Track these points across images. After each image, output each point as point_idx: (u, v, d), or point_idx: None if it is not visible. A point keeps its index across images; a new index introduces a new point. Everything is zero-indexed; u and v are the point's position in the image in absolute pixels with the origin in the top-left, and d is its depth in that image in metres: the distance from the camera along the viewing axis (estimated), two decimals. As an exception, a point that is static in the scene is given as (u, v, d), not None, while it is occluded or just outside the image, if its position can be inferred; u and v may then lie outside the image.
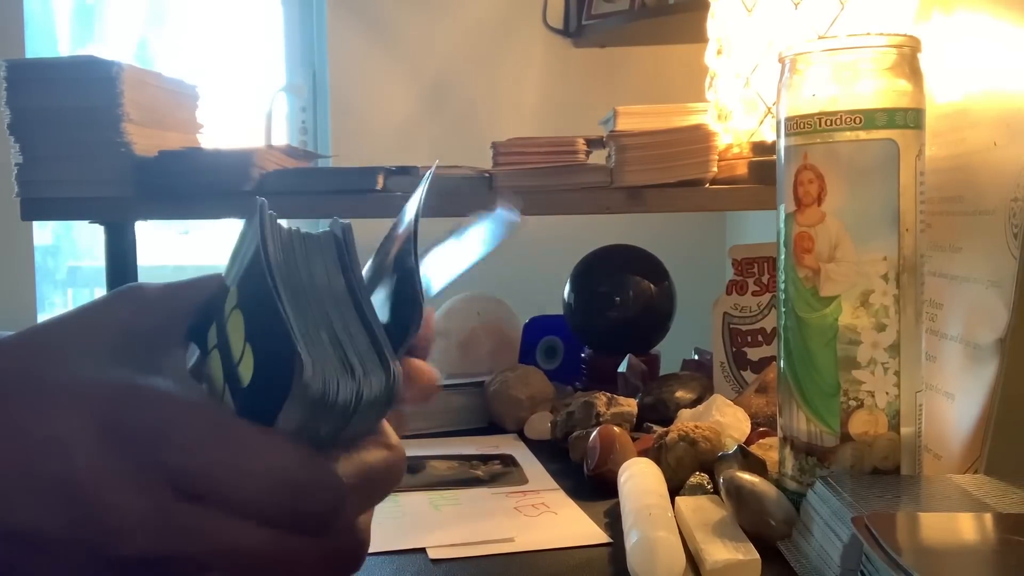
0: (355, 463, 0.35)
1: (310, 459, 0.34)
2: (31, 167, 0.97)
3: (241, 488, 0.33)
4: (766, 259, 0.97)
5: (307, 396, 0.33)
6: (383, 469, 0.36)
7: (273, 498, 0.33)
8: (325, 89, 2.13)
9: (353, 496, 0.35)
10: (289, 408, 0.33)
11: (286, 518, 0.34)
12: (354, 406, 0.34)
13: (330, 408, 0.34)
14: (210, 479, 0.33)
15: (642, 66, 2.13)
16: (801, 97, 0.59)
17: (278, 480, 0.33)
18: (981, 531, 0.48)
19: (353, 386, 0.34)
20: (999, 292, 0.60)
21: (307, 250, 0.37)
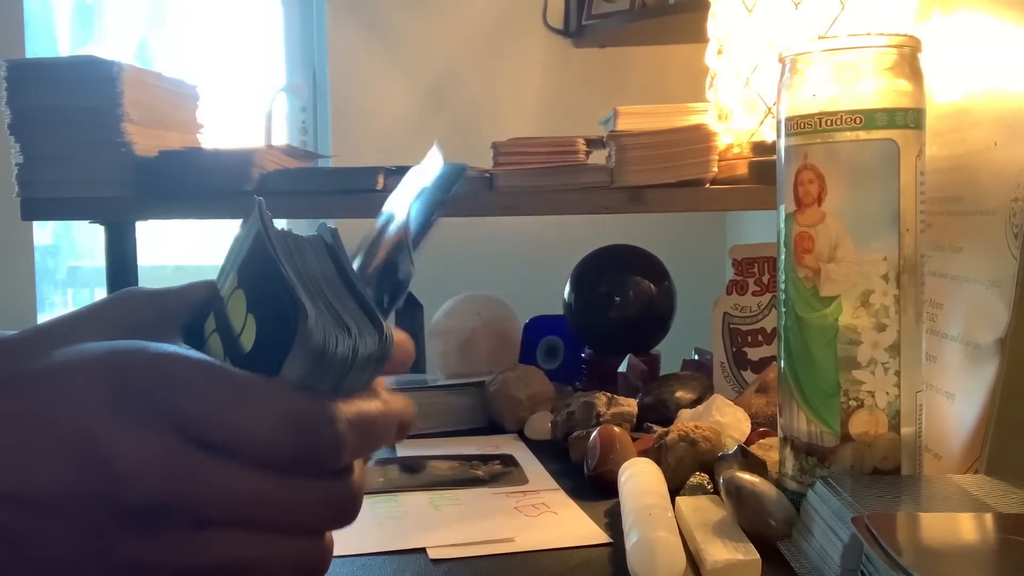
0: (353, 407, 0.37)
1: (311, 399, 0.35)
2: (31, 167, 0.97)
3: (246, 430, 0.35)
4: (766, 259, 0.97)
5: (309, 345, 0.35)
6: (379, 416, 0.38)
7: (276, 437, 0.35)
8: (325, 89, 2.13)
9: (351, 437, 0.36)
10: (292, 360, 0.36)
11: (288, 457, 0.35)
12: (351, 361, 0.36)
13: (329, 361, 0.36)
14: (217, 424, 0.35)
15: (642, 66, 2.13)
16: (801, 97, 0.59)
17: (281, 419, 0.35)
18: (981, 531, 0.48)
19: (349, 342, 0.36)
20: (999, 292, 0.60)
21: (299, 245, 0.39)
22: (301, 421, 0.35)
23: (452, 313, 1.10)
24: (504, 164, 1.01)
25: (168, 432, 0.34)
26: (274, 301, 0.36)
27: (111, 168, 0.96)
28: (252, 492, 0.35)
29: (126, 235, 1.09)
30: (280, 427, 0.35)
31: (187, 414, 0.35)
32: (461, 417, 0.96)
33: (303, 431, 0.35)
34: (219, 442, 0.35)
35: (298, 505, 0.36)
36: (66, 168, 0.96)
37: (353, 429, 0.36)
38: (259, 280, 0.38)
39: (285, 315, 0.36)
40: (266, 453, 0.35)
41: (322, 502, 0.37)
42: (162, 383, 0.35)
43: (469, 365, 1.07)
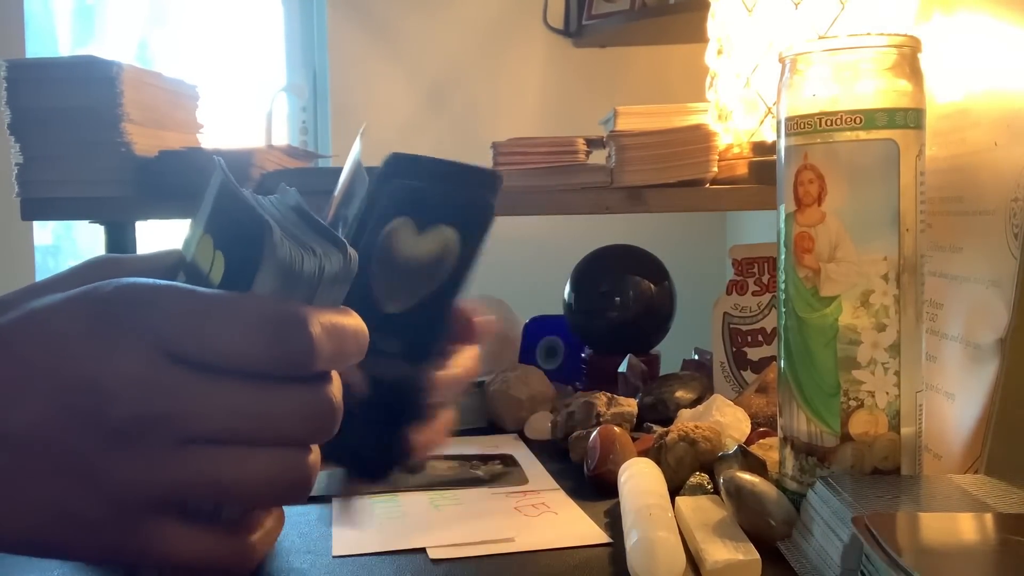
0: (324, 315, 0.37)
1: (282, 304, 0.36)
2: (31, 167, 0.97)
3: (222, 339, 0.35)
4: (766, 259, 0.97)
5: (276, 258, 0.36)
6: (350, 328, 0.38)
7: (251, 343, 0.35)
8: (325, 89, 2.13)
9: (324, 340, 0.37)
10: (261, 277, 0.37)
11: (264, 362, 0.36)
12: (318, 278, 0.38)
13: (297, 277, 0.37)
14: (194, 337, 0.35)
15: (642, 66, 2.13)
16: (801, 97, 0.59)
17: (254, 324, 0.36)
18: (981, 531, 0.48)
19: (315, 260, 0.37)
20: (999, 292, 0.60)
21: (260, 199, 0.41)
22: (274, 325, 0.36)
23: (452, 313, 1.10)
24: (504, 164, 1.01)
25: (147, 350, 0.35)
26: (239, 228, 0.38)
27: (111, 168, 0.96)
28: (232, 403, 0.36)
29: (126, 235, 1.09)
30: (254, 333, 0.35)
31: (164, 332, 0.35)
32: (461, 417, 0.95)
33: (277, 335, 0.36)
34: (197, 356, 0.35)
35: (277, 414, 0.36)
36: (66, 168, 0.96)
37: (325, 333, 0.37)
38: (225, 219, 0.39)
39: (251, 237, 0.37)
40: (243, 361, 0.36)
41: (300, 409, 0.37)
42: (137, 306, 0.36)
43: (469, 365, 1.07)
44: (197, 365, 0.35)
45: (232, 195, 0.39)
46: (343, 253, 0.38)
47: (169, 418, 0.35)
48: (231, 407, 0.36)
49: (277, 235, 0.36)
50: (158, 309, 0.36)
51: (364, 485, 0.55)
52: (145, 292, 0.37)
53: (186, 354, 0.35)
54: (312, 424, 0.37)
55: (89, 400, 0.35)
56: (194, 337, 0.35)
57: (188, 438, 0.36)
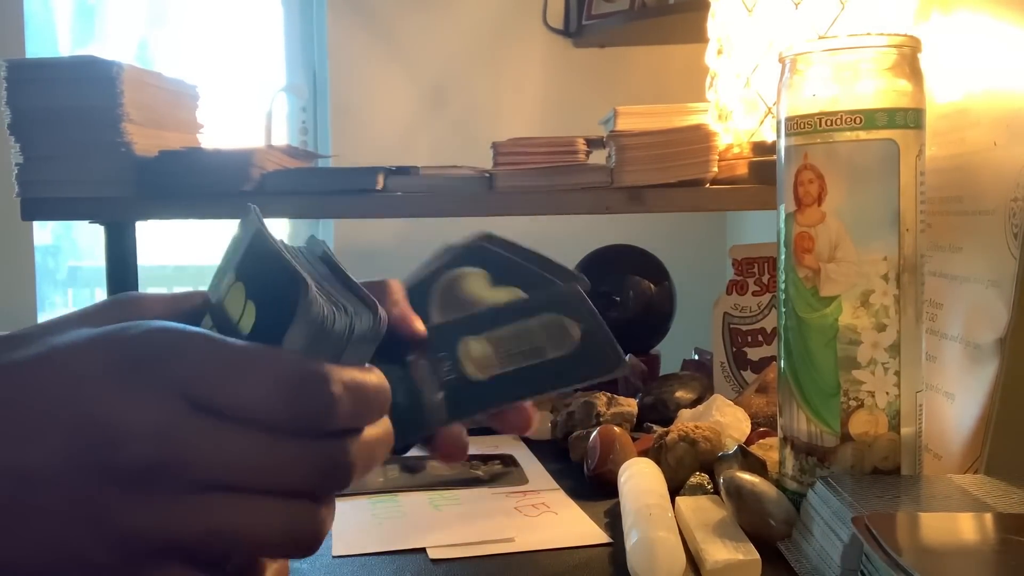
0: (346, 374, 0.38)
1: (306, 360, 0.37)
2: (31, 167, 0.97)
3: (243, 391, 0.36)
4: (766, 259, 0.97)
5: (309, 316, 0.37)
6: (372, 387, 0.39)
7: (272, 397, 0.36)
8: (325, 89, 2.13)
9: (345, 398, 0.37)
10: (292, 332, 0.37)
11: (284, 417, 0.36)
12: (347, 336, 0.38)
13: (327, 335, 0.38)
14: (214, 387, 0.35)
15: (642, 66, 2.13)
16: (801, 97, 0.59)
17: (277, 379, 0.36)
18: (981, 531, 0.48)
19: (346, 320, 0.38)
20: (999, 292, 0.60)
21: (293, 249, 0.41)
22: (296, 382, 0.36)
23: (452, 313, 1.10)
24: (504, 164, 1.01)
25: (164, 395, 0.35)
26: (274, 282, 0.38)
27: (111, 168, 0.96)
28: (248, 453, 0.36)
29: (126, 235, 1.09)
30: (276, 388, 0.36)
31: (184, 378, 0.35)
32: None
33: (298, 391, 0.36)
34: (216, 405, 0.35)
35: (292, 466, 0.37)
36: (66, 168, 0.96)
37: (347, 392, 0.37)
38: (258, 269, 0.40)
39: (285, 291, 0.38)
40: (262, 414, 0.36)
41: (316, 463, 0.37)
42: (158, 350, 0.36)
43: (469, 365, 1.07)
44: (217, 414, 0.36)
45: (267, 246, 0.39)
46: (373, 313, 0.39)
47: (184, 465, 0.35)
48: (247, 457, 0.36)
49: (312, 293, 0.37)
50: (182, 356, 0.36)
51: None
52: (171, 338, 0.37)
53: (207, 403, 0.35)
54: (326, 478, 0.38)
55: (104, 443, 0.35)
56: (216, 387, 0.36)
57: (201, 486, 0.36)
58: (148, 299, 0.43)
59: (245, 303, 0.39)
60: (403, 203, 0.99)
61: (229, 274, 0.41)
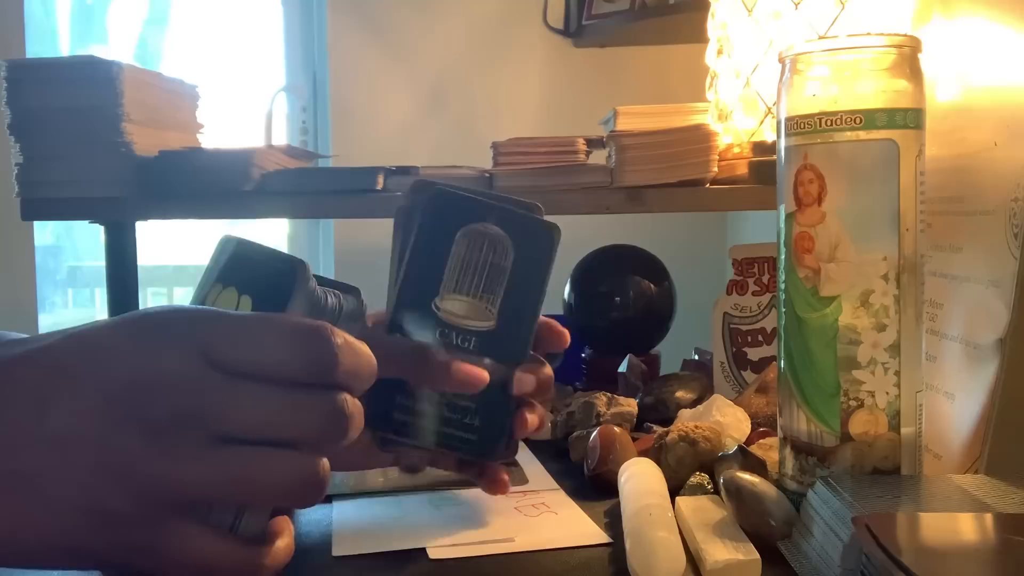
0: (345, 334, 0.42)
1: (311, 319, 0.41)
2: (31, 167, 0.97)
3: (257, 346, 0.40)
4: (766, 259, 0.97)
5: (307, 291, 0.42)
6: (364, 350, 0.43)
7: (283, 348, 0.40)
8: (325, 89, 2.13)
9: (344, 350, 0.41)
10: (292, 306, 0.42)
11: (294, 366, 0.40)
12: (338, 314, 0.44)
13: (321, 311, 0.43)
14: (232, 343, 0.39)
15: (642, 66, 2.13)
16: (801, 97, 0.59)
17: (286, 334, 0.40)
18: (981, 531, 0.48)
19: (335, 301, 0.44)
20: (999, 292, 0.60)
21: None
22: (303, 335, 0.40)
23: (452, 313, 1.10)
24: (504, 164, 1.01)
25: (184, 353, 0.39)
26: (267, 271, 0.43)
27: (111, 168, 0.96)
28: (260, 404, 0.39)
29: (126, 235, 1.09)
30: (285, 341, 0.40)
31: (201, 339, 0.39)
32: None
33: (304, 343, 0.40)
34: (233, 361, 0.39)
35: (301, 416, 0.40)
36: (66, 168, 0.96)
37: (347, 347, 0.41)
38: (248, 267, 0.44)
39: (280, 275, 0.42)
40: (273, 366, 0.40)
41: (319, 413, 0.41)
42: (183, 317, 0.40)
43: (469, 365, 1.07)
44: (232, 370, 0.39)
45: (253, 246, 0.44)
46: (356, 296, 0.45)
47: (204, 416, 0.38)
48: (260, 408, 0.39)
49: (308, 270, 0.42)
50: (199, 320, 0.40)
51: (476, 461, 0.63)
52: (188, 310, 0.41)
53: (223, 359, 0.39)
54: (329, 428, 0.41)
55: (128, 397, 0.38)
56: (231, 343, 0.39)
57: (219, 438, 0.39)
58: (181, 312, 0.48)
59: (239, 299, 0.43)
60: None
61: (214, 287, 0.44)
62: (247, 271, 0.44)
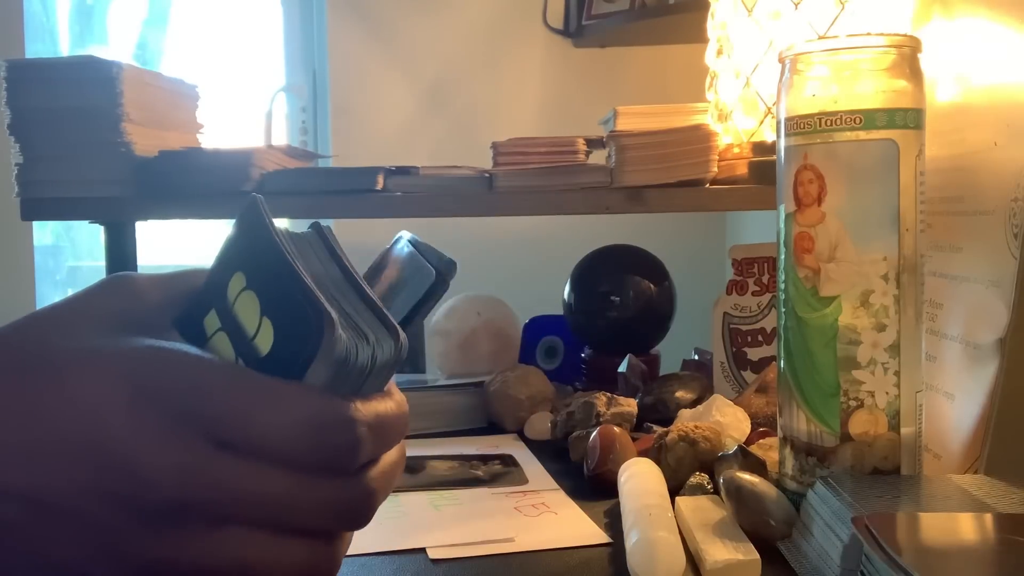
0: (370, 409, 0.37)
1: (334, 403, 0.36)
2: (31, 167, 0.97)
3: (271, 431, 0.35)
4: (766, 259, 0.97)
5: (333, 353, 0.36)
6: (393, 417, 0.39)
7: (299, 437, 0.35)
8: (325, 89, 2.13)
9: (368, 438, 0.37)
10: (316, 367, 0.36)
11: (310, 458, 0.36)
12: (370, 368, 0.38)
13: (351, 369, 0.37)
14: (242, 426, 0.35)
15: (642, 66, 2.13)
16: (801, 97, 0.59)
17: (304, 420, 0.35)
18: (981, 531, 0.48)
19: (368, 350, 0.37)
20: (999, 292, 0.60)
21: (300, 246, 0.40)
22: (324, 424, 0.36)
23: (452, 313, 1.10)
24: (504, 164, 1.01)
25: (190, 434, 0.35)
26: (294, 307, 0.37)
27: (111, 168, 0.96)
28: (270, 492, 0.36)
29: (126, 235, 1.09)
30: (301, 430, 0.35)
31: (211, 416, 0.35)
32: (461, 417, 0.95)
33: (325, 434, 0.36)
34: (242, 443, 0.35)
35: (313, 505, 0.37)
36: (66, 168, 0.96)
37: (371, 431, 0.37)
38: (273, 283, 0.38)
39: (307, 322, 0.36)
40: (288, 455, 0.35)
41: (336, 502, 0.37)
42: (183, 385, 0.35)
43: (469, 365, 1.07)
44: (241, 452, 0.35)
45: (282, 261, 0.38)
46: (395, 339, 0.39)
47: (207, 503, 0.35)
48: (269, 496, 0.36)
49: (337, 331, 0.36)
50: (205, 393, 0.35)
51: None
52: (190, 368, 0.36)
53: (230, 441, 0.35)
54: (346, 516, 0.38)
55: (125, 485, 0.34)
56: (241, 427, 0.35)
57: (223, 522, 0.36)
58: (143, 282, 0.42)
59: (260, 319, 0.38)
60: (403, 203, 0.99)
61: (237, 274, 0.39)
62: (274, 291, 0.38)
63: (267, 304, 0.38)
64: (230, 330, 0.39)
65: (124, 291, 0.41)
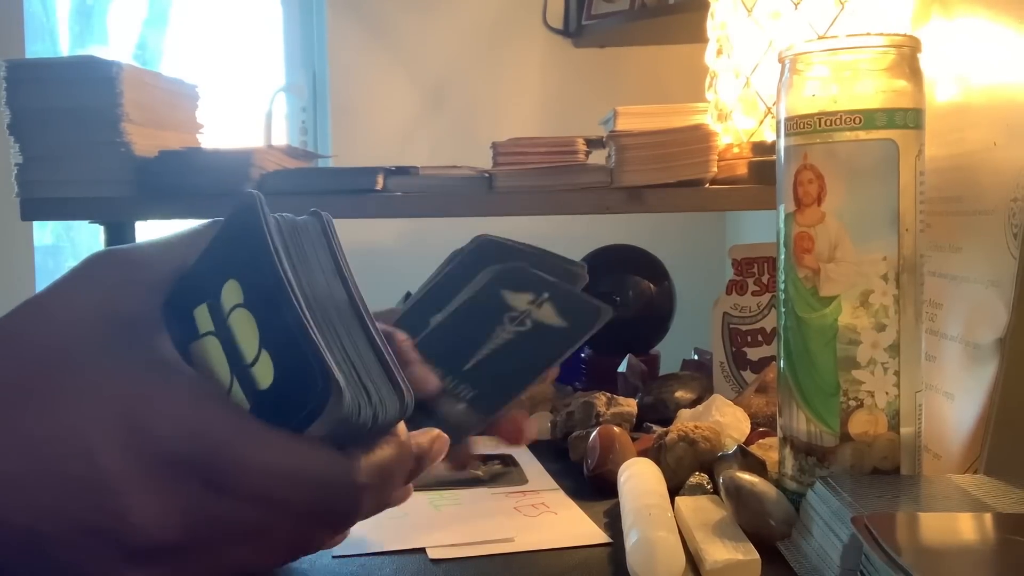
0: (372, 463, 0.37)
1: (336, 462, 0.36)
2: (31, 167, 0.97)
3: (273, 486, 0.35)
4: (766, 259, 0.97)
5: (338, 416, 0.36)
6: (395, 465, 0.39)
7: (302, 495, 0.36)
8: (325, 89, 2.13)
9: (370, 493, 0.37)
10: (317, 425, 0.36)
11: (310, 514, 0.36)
12: (371, 426, 0.37)
13: (351, 426, 0.36)
14: (242, 477, 0.35)
15: (642, 66, 2.13)
16: (801, 97, 0.59)
17: (307, 480, 0.36)
18: (981, 531, 0.48)
19: (370, 411, 0.37)
20: (999, 292, 0.60)
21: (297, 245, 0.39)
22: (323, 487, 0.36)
23: (452, 313, 1.10)
24: (504, 164, 1.01)
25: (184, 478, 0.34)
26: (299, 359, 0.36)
27: (111, 168, 0.96)
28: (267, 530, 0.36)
29: (126, 235, 1.09)
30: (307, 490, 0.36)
31: (209, 464, 0.35)
32: (461, 417, 0.95)
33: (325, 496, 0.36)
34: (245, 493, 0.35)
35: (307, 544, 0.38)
36: (66, 168, 0.96)
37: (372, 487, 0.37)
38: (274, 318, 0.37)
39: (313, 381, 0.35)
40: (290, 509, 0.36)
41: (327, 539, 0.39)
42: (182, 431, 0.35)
43: (469, 365, 1.07)
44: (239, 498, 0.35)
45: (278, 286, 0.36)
46: (400, 401, 0.38)
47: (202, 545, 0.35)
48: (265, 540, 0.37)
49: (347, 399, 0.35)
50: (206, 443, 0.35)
51: None
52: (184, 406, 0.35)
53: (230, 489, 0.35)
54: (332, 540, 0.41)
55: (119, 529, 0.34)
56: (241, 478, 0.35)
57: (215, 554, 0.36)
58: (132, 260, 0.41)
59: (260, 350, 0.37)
60: (403, 203, 0.99)
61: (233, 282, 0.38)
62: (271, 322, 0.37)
63: (267, 338, 0.37)
64: (224, 341, 0.38)
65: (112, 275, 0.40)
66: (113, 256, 0.41)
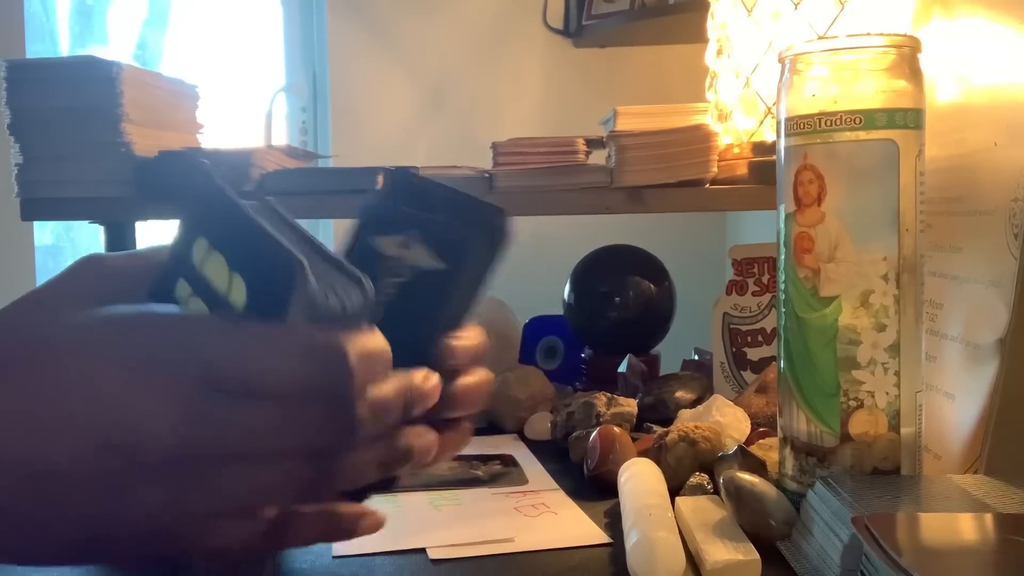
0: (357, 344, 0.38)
1: (319, 332, 0.38)
2: (31, 167, 0.97)
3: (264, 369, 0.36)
4: (766, 259, 0.97)
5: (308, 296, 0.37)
6: (378, 348, 0.40)
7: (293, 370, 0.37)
8: (325, 89, 2.13)
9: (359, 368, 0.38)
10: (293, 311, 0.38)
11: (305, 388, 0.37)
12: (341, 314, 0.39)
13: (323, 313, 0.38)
14: (235, 369, 0.36)
15: (642, 66, 2.13)
16: (801, 97, 0.59)
17: (295, 353, 0.37)
18: (981, 531, 0.48)
19: (336, 299, 0.39)
20: (999, 292, 0.60)
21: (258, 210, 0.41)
22: (315, 354, 0.37)
23: (452, 313, 1.10)
24: (504, 164, 1.01)
25: (185, 386, 0.36)
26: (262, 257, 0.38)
27: (111, 168, 0.96)
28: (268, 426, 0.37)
29: (126, 235, 1.09)
30: (297, 363, 0.37)
31: (203, 365, 0.36)
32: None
33: (318, 363, 0.37)
34: (238, 386, 0.36)
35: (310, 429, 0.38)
36: (66, 168, 0.96)
37: (361, 360, 0.38)
38: (237, 238, 0.39)
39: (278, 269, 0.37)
40: (283, 389, 0.37)
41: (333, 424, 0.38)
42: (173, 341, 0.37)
43: (469, 365, 1.07)
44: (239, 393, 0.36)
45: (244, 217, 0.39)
46: (360, 287, 0.40)
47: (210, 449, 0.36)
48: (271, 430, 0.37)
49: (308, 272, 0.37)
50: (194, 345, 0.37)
51: None
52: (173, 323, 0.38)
53: (228, 384, 0.36)
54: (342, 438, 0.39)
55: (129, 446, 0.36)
56: (234, 370, 0.36)
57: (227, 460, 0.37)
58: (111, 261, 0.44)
59: (231, 276, 0.39)
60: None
61: (199, 240, 0.40)
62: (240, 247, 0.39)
63: (235, 260, 0.39)
64: (203, 294, 0.40)
65: (96, 271, 0.43)
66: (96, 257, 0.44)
